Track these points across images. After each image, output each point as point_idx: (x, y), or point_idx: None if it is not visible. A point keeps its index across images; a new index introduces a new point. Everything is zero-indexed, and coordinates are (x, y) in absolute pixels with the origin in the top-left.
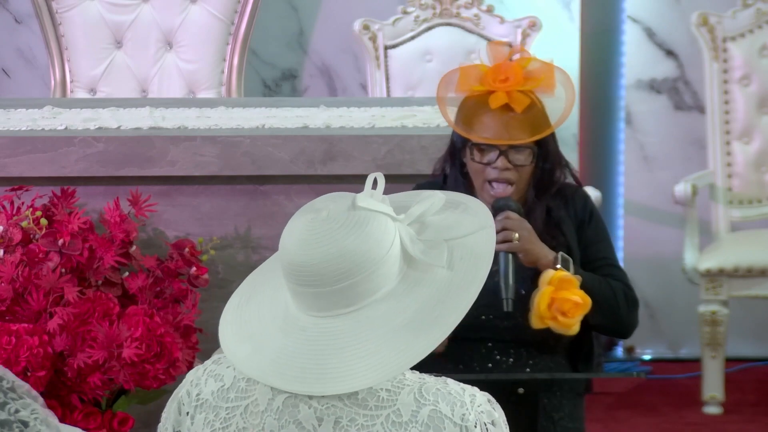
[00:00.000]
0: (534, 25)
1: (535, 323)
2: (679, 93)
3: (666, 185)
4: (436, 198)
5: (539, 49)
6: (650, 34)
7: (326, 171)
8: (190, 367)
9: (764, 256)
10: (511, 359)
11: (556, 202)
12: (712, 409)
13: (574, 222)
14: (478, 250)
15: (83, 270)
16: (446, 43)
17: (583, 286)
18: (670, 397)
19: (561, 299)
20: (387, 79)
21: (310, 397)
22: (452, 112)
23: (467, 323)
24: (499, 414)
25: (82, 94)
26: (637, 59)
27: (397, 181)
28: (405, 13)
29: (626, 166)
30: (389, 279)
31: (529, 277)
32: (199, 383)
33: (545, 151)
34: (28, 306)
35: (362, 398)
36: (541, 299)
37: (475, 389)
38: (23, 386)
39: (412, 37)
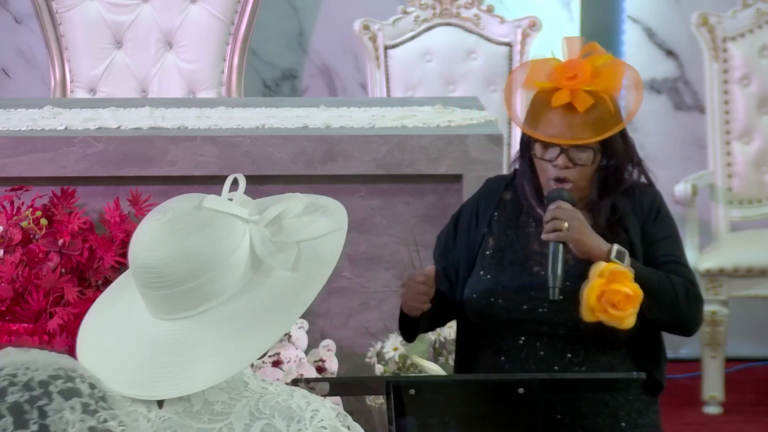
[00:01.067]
0: (534, 25)
1: (586, 316)
2: (679, 93)
3: (666, 185)
4: (296, 200)
5: (539, 49)
6: (650, 34)
7: (326, 171)
8: None
9: (764, 256)
10: (568, 355)
11: (624, 200)
12: (712, 409)
13: (639, 219)
14: (323, 253)
15: (83, 270)
16: (446, 43)
17: (640, 280)
18: (670, 397)
19: (611, 291)
20: (387, 79)
21: (149, 410)
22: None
23: (523, 317)
24: (351, 429)
25: (82, 94)
26: (637, 59)
27: (397, 181)
28: (405, 13)
29: None
30: (236, 281)
31: (584, 271)
32: None
33: (611, 149)
34: (28, 306)
35: (197, 411)
36: (590, 291)
37: (326, 403)
38: (115, 398)
39: (412, 37)
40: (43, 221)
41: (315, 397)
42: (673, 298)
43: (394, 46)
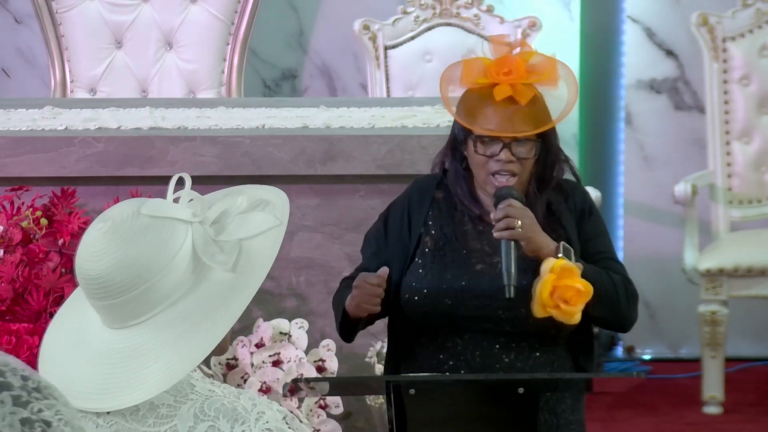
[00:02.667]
0: (534, 25)
1: (538, 312)
2: (679, 93)
3: (666, 185)
4: (241, 196)
5: (539, 49)
6: (650, 34)
7: (326, 171)
8: None
9: (764, 256)
10: (513, 353)
11: (556, 196)
12: (712, 409)
13: (573, 216)
14: (261, 250)
15: None
16: (446, 43)
17: (584, 276)
18: (670, 397)
19: (563, 287)
20: (387, 79)
21: (98, 415)
22: (453, 104)
23: (467, 314)
24: (296, 431)
25: (82, 94)
26: (637, 59)
27: (397, 181)
28: (405, 13)
29: (626, 166)
30: (179, 284)
31: (531, 267)
32: None
33: (547, 144)
34: (28, 306)
35: (143, 414)
36: (543, 287)
37: (272, 405)
38: (50, 387)
39: (412, 37)
40: (43, 221)
41: (263, 399)
42: (614, 295)
43: (394, 46)
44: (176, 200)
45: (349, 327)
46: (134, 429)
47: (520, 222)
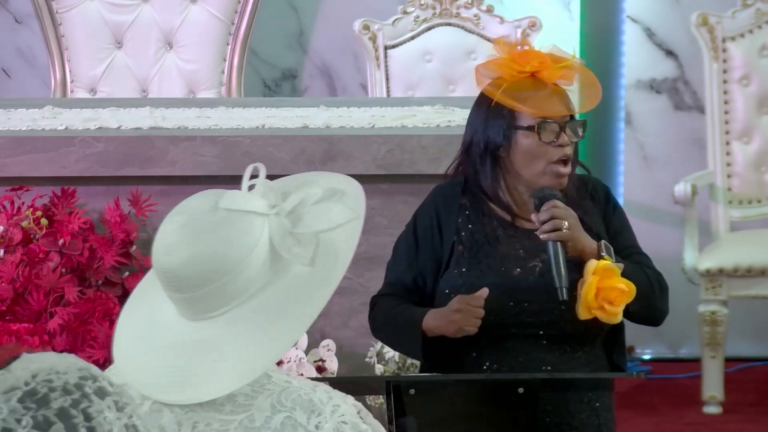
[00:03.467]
0: (534, 25)
1: (583, 314)
2: (679, 93)
3: (666, 185)
4: (315, 185)
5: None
6: (650, 34)
7: (326, 171)
8: None
9: (764, 256)
10: (554, 355)
11: (581, 191)
12: (712, 409)
13: (599, 211)
14: (340, 245)
15: (83, 270)
16: (446, 43)
17: (624, 275)
18: (670, 397)
19: (607, 288)
20: (387, 79)
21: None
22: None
23: (503, 320)
24: (369, 426)
25: (82, 94)
26: (637, 59)
27: (397, 181)
28: (405, 13)
29: (626, 166)
30: (257, 279)
31: (573, 267)
32: None
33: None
34: (29, 306)
35: (220, 402)
36: (587, 289)
37: (348, 399)
38: (124, 389)
39: (412, 37)
40: (44, 221)
41: (338, 392)
42: (650, 290)
43: (394, 46)
44: (250, 188)
45: (422, 345)
46: (211, 417)
47: (566, 223)
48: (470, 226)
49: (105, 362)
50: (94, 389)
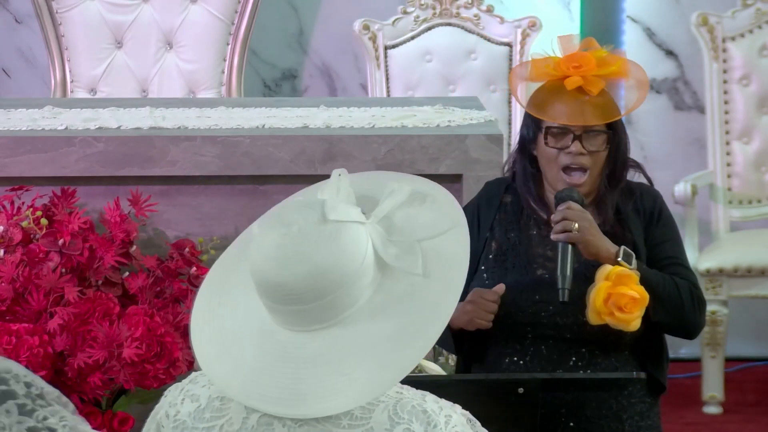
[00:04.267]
0: (534, 25)
1: (592, 319)
2: (679, 93)
3: (666, 185)
4: (403, 190)
5: (539, 49)
6: (650, 34)
7: (326, 171)
8: (189, 366)
9: (764, 256)
10: (573, 359)
11: (624, 200)
12: (712, 409)
13: (642, 219)
14: (451, 253)
15: (83, 270)
16: (446, 43)
17: (645, 282)
18: (670, 397)
19: (618, 294)
20: (387, 79)
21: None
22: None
23: (527, 320)
24: None
25: (82, 94)
26: (637, 59)
27: None
28: (405, 13)
29: None
30: (366, 289)
31: (591, 273)
32: (176, 404)
33: (618, 139)
34: (29, 306)
35: (336, 416)
36: (597, 294)
37: (455, 408)
38: (53, 392)
39: (412, 37)
40: (44, 221)
41: (445, 401)
42: (677, 300)
43: (394, 46)
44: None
45: (454, 339)
46: (327, 430)
47: (577, 225)
48: (506, 223)
49: (105, 362)
50: None
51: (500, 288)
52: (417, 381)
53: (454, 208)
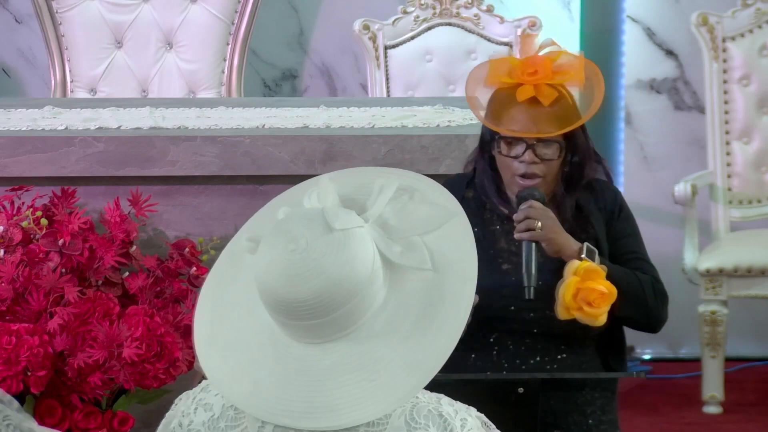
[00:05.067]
0: (534, 25)
1: (561, 314)
2: (679, 93)
3: (666, 185)
4: (390, 187)
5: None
6: (650, 34)
7: (326, 171)
8: (190, 366)
9: (764, 256)
10: (539, 354)
11: (586, 196)
12: (712, 409)
13: (603, 216)
14: (455, 243)
15: (83, 270)
16: (446, 43)
17: (610, 278)
18: (670, 396)
19: (586, 289)
20: (387, 79)
21: None
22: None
23: (493, 315)
24: None
25: (82, 94)
26: (637, 59)
27: None
28: (405, 13)
29: (626, 166)
30: (379, 292)
31: (555, 268)
32: (189, 413)
33: (574, 144)
34: (29, 306)
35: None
36: (566, 289)
37: (471, 411)
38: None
39: (412, 37)
40: (44, 221)
41: (459, 404)
42: (641, 295)
43: (394, 46)
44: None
45: None
46: None
47: (540, 223)
48: (470, 219)
49: (105, 362)
50: None
51: (475, 300)
52: None
53: (446, 197)
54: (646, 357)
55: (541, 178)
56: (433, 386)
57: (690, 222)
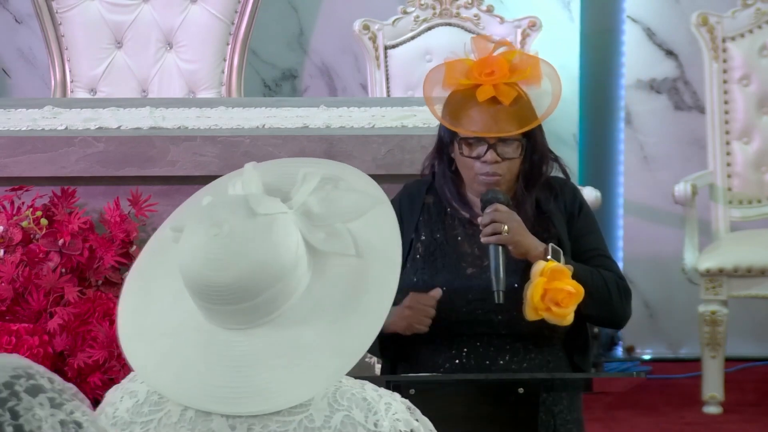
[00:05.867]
0: (534, 25)
1: (530, 315)
2: (679, 93)
3: (666, 185)
4: (315, 176)
5: (539, 49)
6: (650, 34)
7: None
8: None
9: (764, 256)
10: (508, 354)
11: (545, 195)
12: (712, 409)
13: (563, 214)
14: (380, 230)
15: (83, 270)
16: (446, 43)
17: (576, 277)
18: (670, 397)
19: (554, 290)
20: (387, 79)
21: None
22: (440, 109)
23: (461, 319)
24: (421, 422)
25: (82, 94)
26: (637, 59)
27: (397, 181)
28: (405, 13)
29: (626, 166)
30: (303, 278)
31: (521, 269)
32: (114, 402)
33: (533, 143)
34: (29, 306)
35: None
36: (534, 291)
37: (395, 396)
38: (71, 388)
39: (412, 37)
40: (44, 221)
41: (384, 390)
42: (605, 293)
43: (394, 46)
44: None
45: (383, 343)
46: (268, 419)
47: (506, 226)
48: (431, 224)
49: (105, 362)
50: (26, 387)
51: (437, 293)
52: (417, 381)
53: (371, 186)
54: (646, 357)
55: (501, 177)
56: (433, 386)
57: (690, 222)
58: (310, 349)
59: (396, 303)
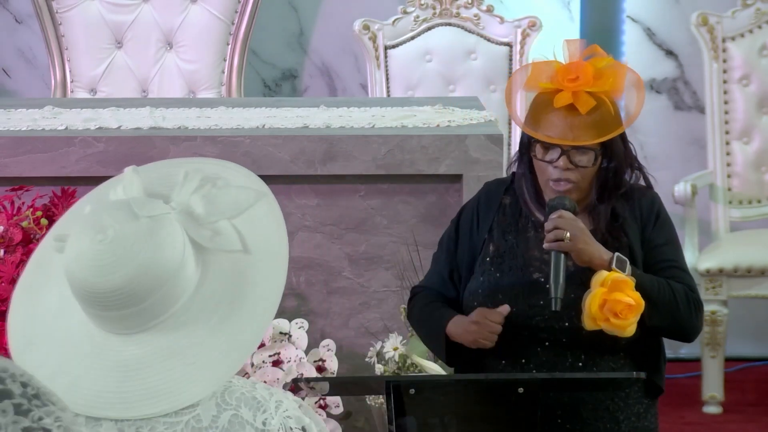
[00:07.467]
0: (534, 25)
1: (588, 324)
2: (679, 93)
3: (666, 185)
4: (195, 177)
5: (539, 49)
6: (650, 34)
7: (326, 171)
8: None
9: (764, 256)
10: (569, 362)
11: (621, 204)
12: (712, 409)
13: (638, 224)
14: (265, 223)
15: None
16: (446, 43)
17: (641, 288)
18: (670, 397)
19: (613, 300)
20: (387, 79)
21: None
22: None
23: (523, 323)
24: (311, 420)
25: (82, 94)
26: (637, 59)
27: (397, 181)
28: (405, 13)
29: None
30: (192, 279)
31: (586, 279)
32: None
33: (611, 152)
34: None
35: None
36: (592, 300)
37: (287, 395)
38: (49, 393)
39: (412, 37)
40: (44, 221)
41: (276, 389)
42: (673, 305)
43: (394, 46)
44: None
45: (444, 350)
46: (155, 420)
47: (569, 234)
48: (505, 225)
49: None
50: None
51: (504, 309)
52: (417, 381)
53: (253, 180)
54: None
55: (574, 184)
56: (434, 386)
57: (690, 222)
58: (201, 348)
59: (467, 304)
